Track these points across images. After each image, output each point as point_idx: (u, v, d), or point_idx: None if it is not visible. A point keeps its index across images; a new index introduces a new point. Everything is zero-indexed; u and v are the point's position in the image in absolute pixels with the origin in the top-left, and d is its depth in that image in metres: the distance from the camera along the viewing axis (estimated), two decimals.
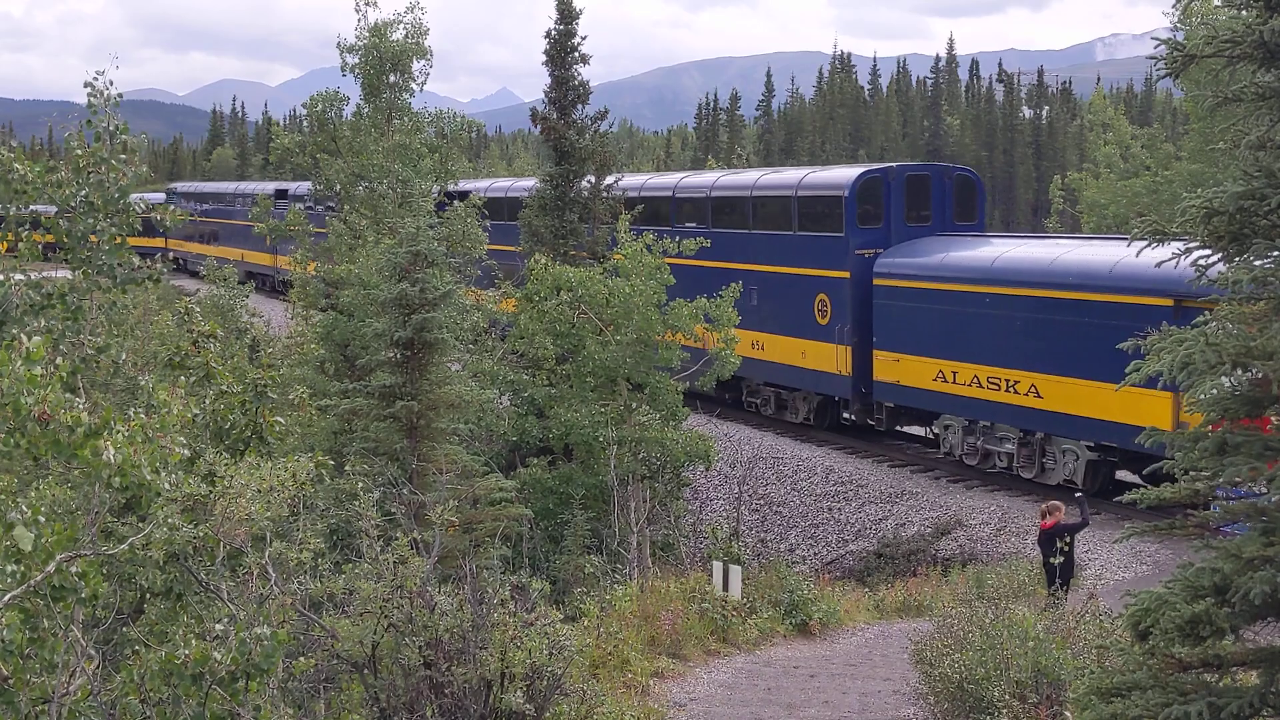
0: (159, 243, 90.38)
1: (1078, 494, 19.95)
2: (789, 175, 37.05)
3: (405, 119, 36.28)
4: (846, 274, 31.70)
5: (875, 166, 34.00)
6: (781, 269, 34.09)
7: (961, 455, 29.06)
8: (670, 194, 39.43)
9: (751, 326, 33.34)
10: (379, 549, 12.55)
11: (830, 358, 32.19)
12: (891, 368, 30.69)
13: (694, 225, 36.91)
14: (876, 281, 30.92)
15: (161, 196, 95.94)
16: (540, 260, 27.18)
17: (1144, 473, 19.03)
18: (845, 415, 33.07)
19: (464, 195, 38.06)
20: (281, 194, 69.27)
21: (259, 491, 10.82)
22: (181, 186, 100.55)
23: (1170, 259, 8.71)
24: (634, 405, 25.47)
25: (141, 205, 11.99)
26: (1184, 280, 9.56)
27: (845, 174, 33.52)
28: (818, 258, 32.79)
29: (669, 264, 26.75)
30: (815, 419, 34.12)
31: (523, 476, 25.59)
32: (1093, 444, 25.61)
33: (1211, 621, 7.94)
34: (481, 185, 49.12)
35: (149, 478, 7.16)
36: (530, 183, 42.54)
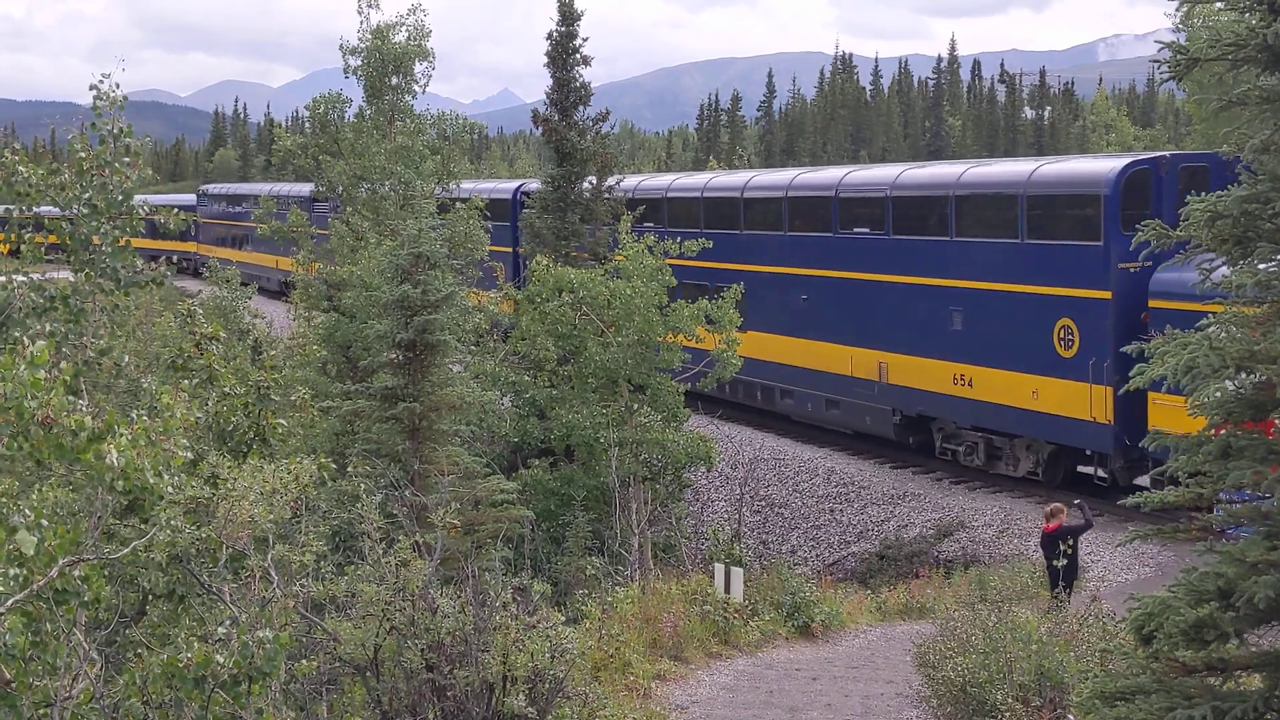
0: (189, 246, 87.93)
1: (1076, 501, 19.92)
2: (1012, 168, 29.47)
3: (407, 121, 36.28)
4: (1106, 294, 25.00)
5: (1142, 156, 26.92)
6: (1002, 286, 27.40)
7: None
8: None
9: (954, 357, 28.22)
10: (381, 551, 12.55)
11: (1077, 400, 25.48)
12: (1178, 417, 24.35)
13: (866, 229, 31.14)
14: (1155, 304, 24.02)
15: (193, 199, 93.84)
16: (542, 261, 27.19)
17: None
18: (1097, 472, 26.12)
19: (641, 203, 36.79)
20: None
21: (261, 494, 10.81)
22: (214, 188, 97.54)
23: None
24: (635, 407, 25.47)
25: (145, 208, 12.01)
26: None
27: (1102, 166, 26.31)
28: (1059, 272, 26.05)
29: (832, 276, 25.71)
30: (1045, 473, 27.49)
31: (524, 478, 25.59)
32: None
33: (1216, 625, 7.94)
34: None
35: (152, 481, 7.16)
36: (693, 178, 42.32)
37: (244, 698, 7.84)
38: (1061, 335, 25.96)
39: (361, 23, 36.05)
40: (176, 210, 12.80)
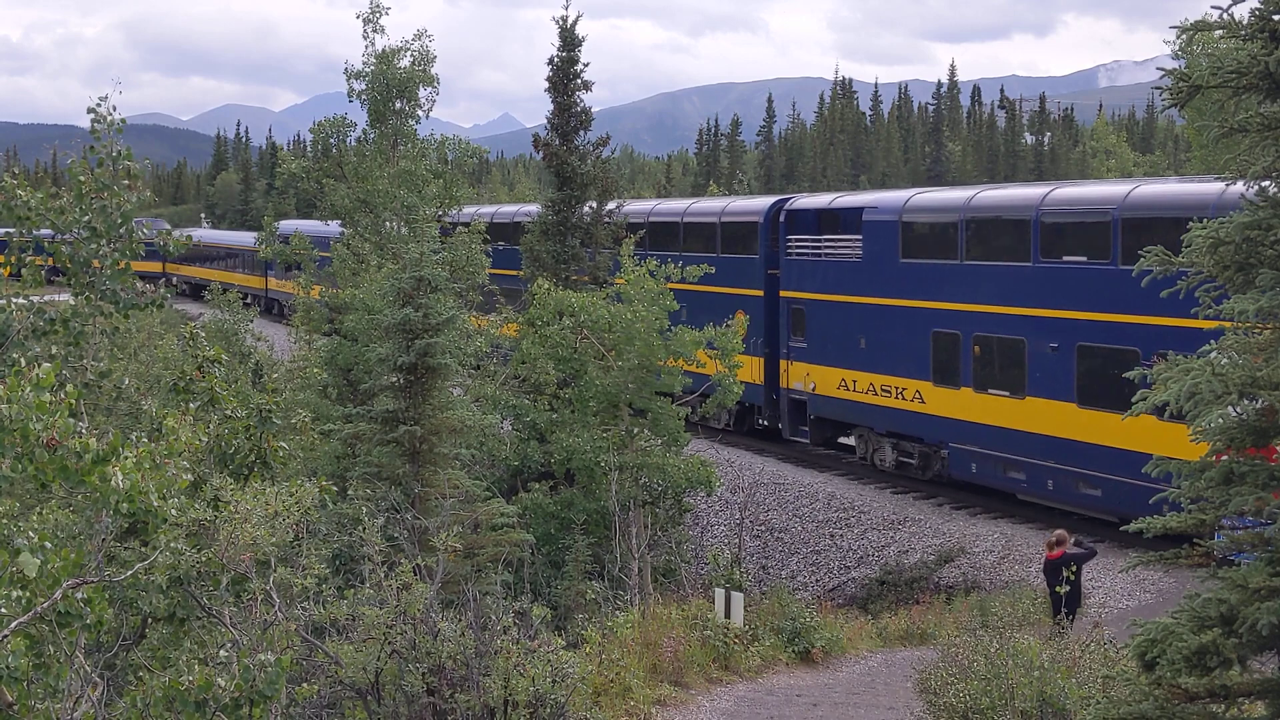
0: (255, 282, 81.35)
1: (1071, 535, 19.91)
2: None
3: (410, 145, 36.38)
4: None
5: None
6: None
7: None
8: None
9: None
10: (382, 574, 12.54)
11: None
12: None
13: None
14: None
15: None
16: (543, 285, 27.23)
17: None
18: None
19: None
20: None
21: (263, 517, 10.82)
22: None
23: None
24: (635, 431, 25.46)
25: (144, 230, 12.06)
26: None
27: None
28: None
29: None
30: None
31: (524, 501, 25.57)
32: None
33: (1218, 652, 7.92)
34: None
35: (156, 504, 7.17)
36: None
37: None
38: None
39: (366, 48, 36.19)
40: (175, 233, 12.87)
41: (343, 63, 37.04)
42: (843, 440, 34.74)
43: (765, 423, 36.09)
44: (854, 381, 31.26)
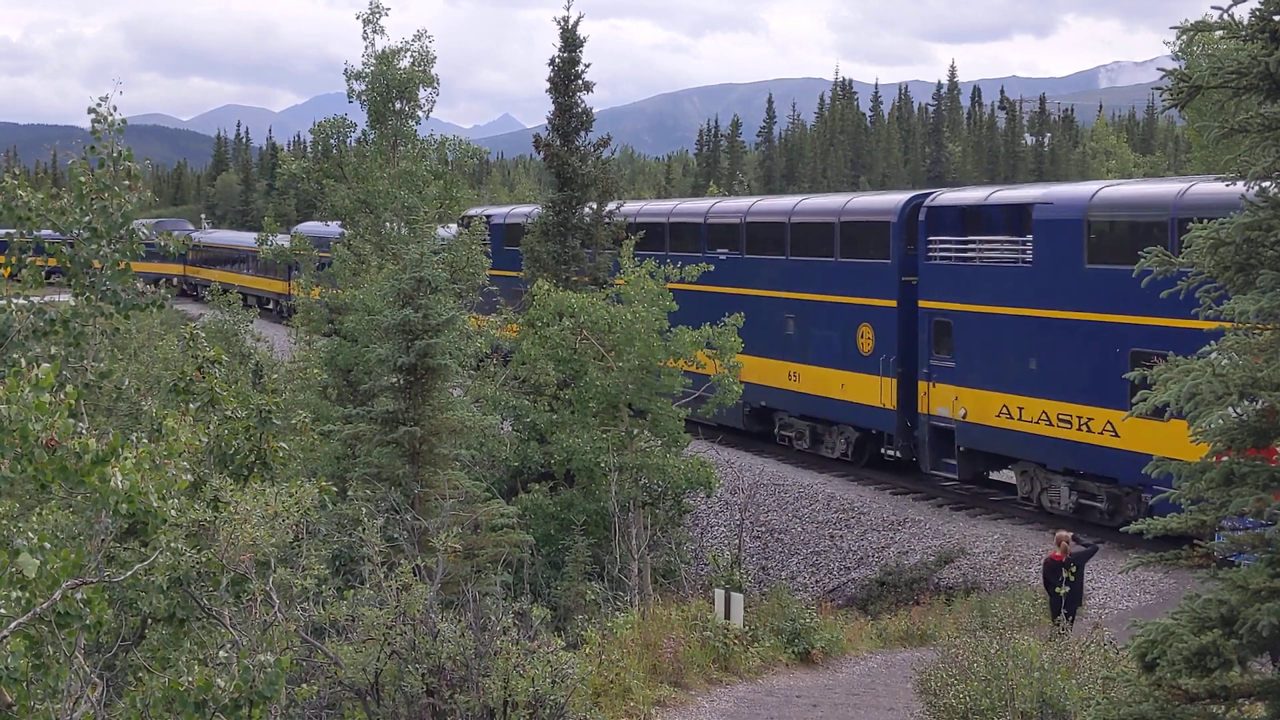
0: (279, 287, 76.02)
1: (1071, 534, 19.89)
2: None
3: (410, 146, 36.39)
4: None
5: None
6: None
7: None
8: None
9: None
10: (382, 575, 12.54)
11: None
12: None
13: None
14: None
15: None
16: (543, 286, 27.23)
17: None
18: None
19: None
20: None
21: (263, 517, 10.82)
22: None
23: None
24: (635, 431, 25.45)
25: (145, 230, 12.06)
26: None
27: None
28: None
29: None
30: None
31: (524, 502, 25.57)
32: None
33: (1219, 653, 7.92)
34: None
35: (156, 505, 7.16)
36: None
37: None
38: None
39: (366, 48, 36.21)
40: (176, 233, 12.90)
41: (343, 63, 37.09)
42: (996, 476, 30.65)
43: (895, 454, 31.41)
44: (1019, 409, 26.66)
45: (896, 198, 31.74)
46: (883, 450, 32.23)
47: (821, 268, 32.53)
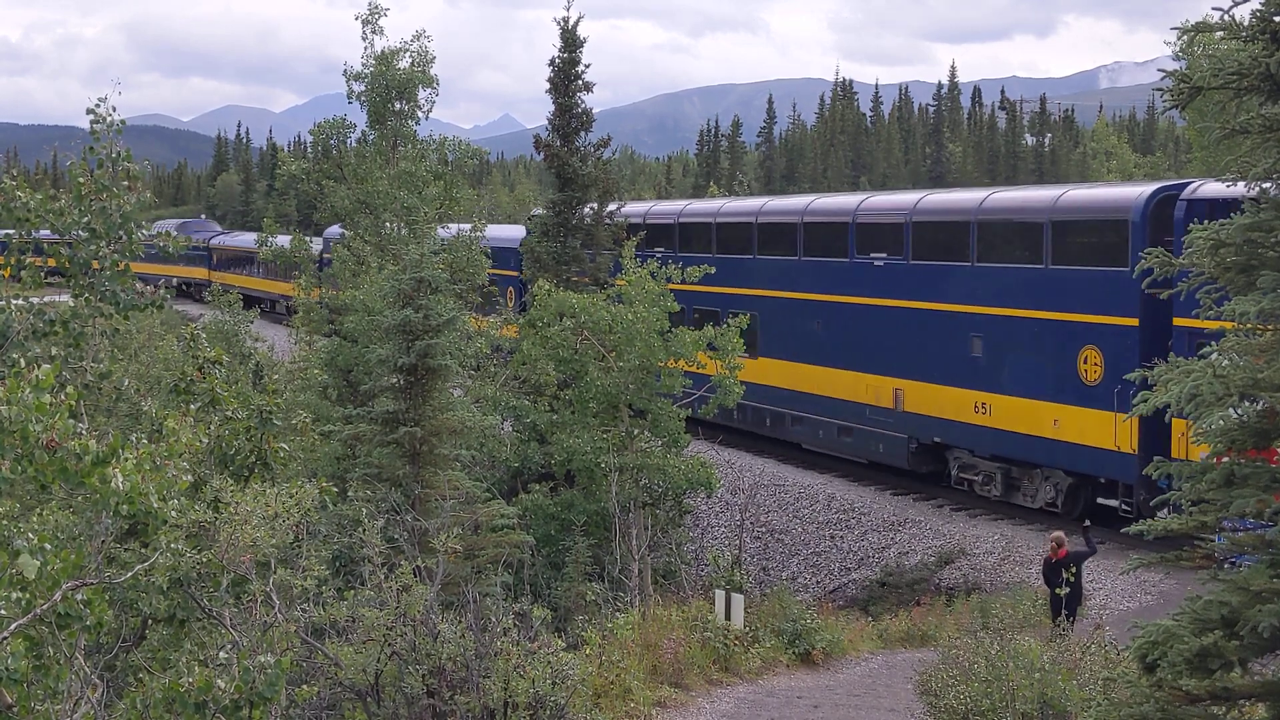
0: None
1: (1086, 522, 19.92)
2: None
3: (410, 146, 36.36)
4: None
5: None
6: None
7: None
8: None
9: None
10: (382, 576, 12.53)
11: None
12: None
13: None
14: None
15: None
16: (543, 286, 27.22)
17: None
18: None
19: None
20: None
21: (263, 518, 10.81)
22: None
23: None
24: (635, 432, 25.44)
25: (144, 232, 12.06)
26: None
27: None
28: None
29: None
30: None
31: (524, 502, 25.55)
32: None
33: (1220, 654, 7.92)
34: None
35: (156, 506, 7.16)
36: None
37: None
38: None
39: (366, 49, 36.18)
40: (175, 235, 12.89)
41: (343, 64, 37.05)
42: None
43: (1128, 506, 24.68)
44: None
45: (1136, 190, 25.50)
46: (1103, 500, 26.19)
47: (1028, 277, 26.80)
